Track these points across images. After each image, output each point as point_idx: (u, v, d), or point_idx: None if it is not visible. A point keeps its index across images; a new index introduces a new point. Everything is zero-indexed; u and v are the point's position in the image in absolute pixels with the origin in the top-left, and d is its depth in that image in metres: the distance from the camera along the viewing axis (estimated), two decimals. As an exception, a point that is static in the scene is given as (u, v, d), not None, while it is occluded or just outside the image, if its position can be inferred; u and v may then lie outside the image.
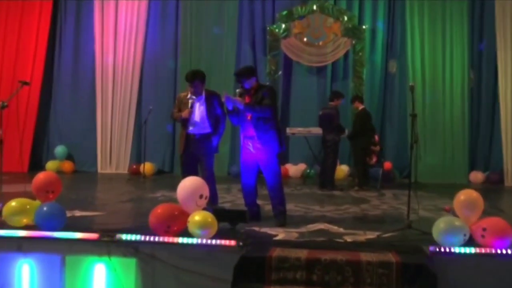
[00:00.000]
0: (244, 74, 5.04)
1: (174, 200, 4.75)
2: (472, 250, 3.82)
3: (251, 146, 5.01)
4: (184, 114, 5.20)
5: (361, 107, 8.48)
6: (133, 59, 10.55)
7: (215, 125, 5.24)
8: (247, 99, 4.98)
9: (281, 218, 4.99)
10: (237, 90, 5.02)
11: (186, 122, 5.22)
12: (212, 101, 5.25)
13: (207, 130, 5.23)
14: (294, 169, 10.14)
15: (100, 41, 10.56)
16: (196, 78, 5.19)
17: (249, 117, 4.94)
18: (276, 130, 5.01)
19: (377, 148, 8.53)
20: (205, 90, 5.29)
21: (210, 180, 5.13)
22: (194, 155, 5.24)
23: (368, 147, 8.32)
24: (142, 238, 4.03)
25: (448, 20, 9.83)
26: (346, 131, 8.41)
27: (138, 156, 10.51)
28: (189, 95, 5.27)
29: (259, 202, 5.35)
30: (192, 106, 5.19)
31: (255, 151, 4.99)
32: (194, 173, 5.15)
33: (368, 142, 8.33)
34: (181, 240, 3.99)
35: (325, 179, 8.17)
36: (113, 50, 10.55)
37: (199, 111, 5.21)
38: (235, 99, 4.89)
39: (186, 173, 5.04)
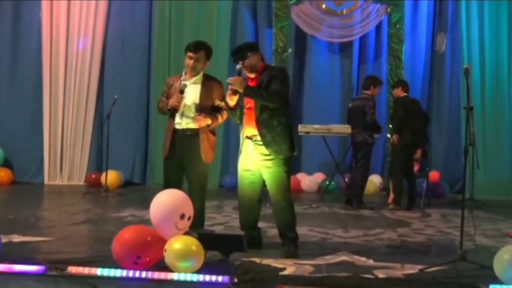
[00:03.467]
0: (245, 49, 5.02)
1: (146, 222, 4.75)
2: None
3: (251, 149, 5.02)
4: (172, 101, 5.15)
5: (402, 94, 8.44)
6: (93, 35, 10.55)
7: (213, 112, 5.24)
8: (249, 83, 4.99)
9: (290, 247, 4.98)
10: (237, 67, 5.00)
11: (175, 112, 5.20)
12: (212, 89, 5.26)
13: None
14: (308, 181, 10.17)
15: (49, 11, 10.55)
16: (202, 48, 5.27)
17: (247, 108, 4.94)
18: (287, 128, 5.00)
19: (418, 154, 8.51)
20: (204, 74, 5.30)
21: (200, 196, 5.16)
22: (181, 160, 5.25)
23: (411, 147, 8.24)
24: (103, 272, 4.03)
25: (516, -18, 9.88)
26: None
27: (98, 163, 10.56)
28: (182, 76, 5.28)
29: (260, 224, 5.34)
30: (182, 92, 5.15)
31: (257, 156, 5.00)
32: (181, 185, 5.19)
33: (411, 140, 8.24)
34: (155, 275, 3.98)
35: (352, 194, 8.19)
36: (65, 23, 10.55)
37: (191, 97, 5.19)
38: (231, 81, 4.84)
39: (170, 184, 5.04)
